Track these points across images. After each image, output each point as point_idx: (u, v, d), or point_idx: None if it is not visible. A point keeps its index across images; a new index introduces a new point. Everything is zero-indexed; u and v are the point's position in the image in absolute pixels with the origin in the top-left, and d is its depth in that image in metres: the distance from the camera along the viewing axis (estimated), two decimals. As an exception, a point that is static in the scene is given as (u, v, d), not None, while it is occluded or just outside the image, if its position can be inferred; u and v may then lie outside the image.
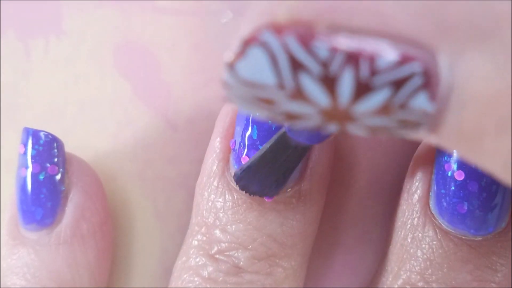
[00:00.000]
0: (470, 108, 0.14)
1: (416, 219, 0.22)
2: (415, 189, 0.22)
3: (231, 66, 0.15)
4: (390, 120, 0.15)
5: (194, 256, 0.23)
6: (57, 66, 0.26)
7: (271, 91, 0.15)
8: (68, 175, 0.24)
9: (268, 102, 0.15)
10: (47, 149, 0.24)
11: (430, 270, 0.22)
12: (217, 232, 0.22)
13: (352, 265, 0.25)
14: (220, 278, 0.22)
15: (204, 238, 0.23)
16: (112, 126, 0.26)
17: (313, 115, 0.15)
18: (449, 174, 0.21)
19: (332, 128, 0.15)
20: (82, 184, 0.24)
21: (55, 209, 0.23)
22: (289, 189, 0.22)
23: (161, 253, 0.25)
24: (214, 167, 0.23)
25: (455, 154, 0.21)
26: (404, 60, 0.14)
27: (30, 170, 0.23)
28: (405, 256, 0.22)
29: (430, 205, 0.22)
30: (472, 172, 0.21)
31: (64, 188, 0.24)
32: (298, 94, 0.15)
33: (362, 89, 0.14)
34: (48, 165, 0.23)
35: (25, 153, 0.24)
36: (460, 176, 0.21)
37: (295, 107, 0.15)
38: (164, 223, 0.25)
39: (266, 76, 0.15)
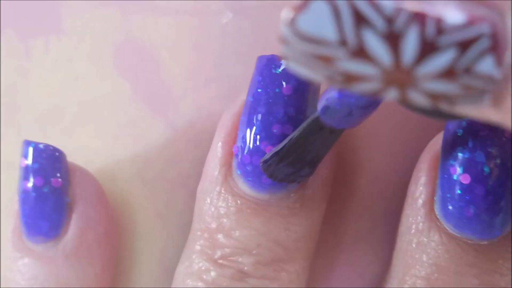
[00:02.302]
0: None
1: (421, 223, 0.22)
2: (419, 194, 0.22)
3: (291, 19, 0.14)
4: (454, 85, 0.14)
5: (197, 261, 0.23)
6: (57, 66, 0.26)
7: (331, 47, 0.14)
8: (72, 186, 0.24)
9: (326, 60, 0.14)
10: (49, 162, 0.23)
11: (436, 275, 0.21)
12: (221, 237, 0.22)
13: (352, 265, 0.25)
14: (225, 283, 0.22)
15: (207, 243, 0.23)
16: (112, 126, 0.26)
17: (374, 76, 0.14)
18: (455, 178, 0.21)
19: (392, 94, 0.14)
20: (86, 195, 0.24)
21: (61, 221, 0.23)
22: (293, 194, 0.22)
23: (161, 253, 0.25)
24: (216, 173, 0.23)
25: (460, 157, 0.21)
26: (472, 21, 0.13)
27: (33, 183, 0.23)
28: (410, 262, 0.22)
29: (435, 210, 0.22)
30: (478, 175, 0.21)
31: (69, 200, 0.23)
32: (360, 51, 0.14)
33: (427, 49, 0.14)
34: (51, 177, 0.23)
35: (27, 166, 0.23)
36: (466, 179, 0.21)
37: (356, 66, 0.14)
38: (164, 224, 0.25)
39: (327, 30, 0.14)
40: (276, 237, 0.22)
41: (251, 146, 0.22)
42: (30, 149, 0.23)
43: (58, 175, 0.23)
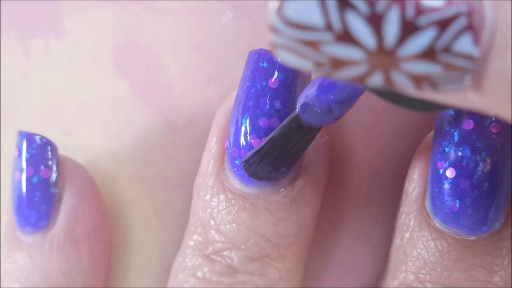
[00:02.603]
0: None
1: (412, 219, 0.22)
2: (412, 190, 0.22)
3: (279, 7, 0.15)
4: (435, 66, 0.15)
5: (190, 257, 0.23)
6: (57, 66, 0.26)
7: (318, 32, 0.15)
8: (62, 178, 0.24)
9: (314, 45, 0.15)
10: (40, 152, 0.23)
11: (424, 270, 0.22)
12: (212, 232, 0.22)
13: (352, 265, 0.25)
14: (214, 279, 0.22)
15: (200, 238, 0.23)
16: (112, 126, 0.26)
17: (360, 60, 0.15)
18: (441, 172, 0.21)
19: (377, 78, 0.15)
20: (76, 188, 0.24)
21: (49, 212, 0.23)
22: (282, 189, 0.22)
23: (160, 253, 0.25)
24: (210, 167, 0.23)
25: (446, 152, 0.21)
26: (450, 1, 0.14)
27: (24, 173, 0.23)
28: (401, 257, 0.22)
29: (426, 205, 0.22)
30: (463, 169, 0.21)
31: (57, 191, 0.23)
32: (346, 35, 0.15)
33: (408, 29, 0.14)
34: (41, 168, 0.23)
35: (19, 156, 0.23)
36: (451, 173, 0.21)
37: (342, 50, 0.15)
38: (164, 223, 0.25)
39: (313, 15, 0.14)
40: (265, 232, 0.22)
41: (239, 140, 0.22)
42: (23, 140, 0.23)
43: (48, 166, 0.23)
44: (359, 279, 0.25)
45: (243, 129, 0.22)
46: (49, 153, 0.24)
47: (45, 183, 0.23)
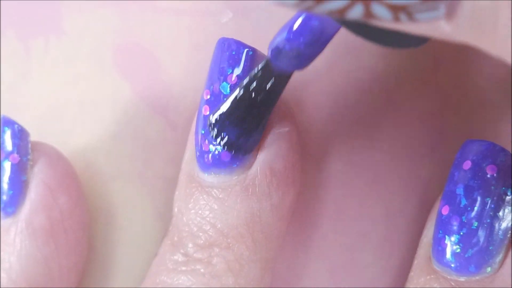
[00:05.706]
0: None
1: (416, 260, 0.22)
2: (423, 236, 0.23)
3: None
4: None
5: (162, 245, 0.23)
6: (57, 66, 0.26)
7: None
8: (32, 165, 0.24)
9: None
10: (11, 138, 0.23)
11: None
12: (178, 222, 0.23)
13: (352, 265, 0.25)
14: (171, 266, 0.22)
15: (171, 227, 0.23)
16: (112, 126, 0.26)
17: None
18: (439, 210, 0.21)
19: (358, 11, 0.15)
20: (43, 176, 0.23)
21: (17, 199, 0.23)
22: (236, 177, 0.22)
23: (161, 253, 0.25)
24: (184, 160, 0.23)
25: (446, 191, 0.21)
26: None
27: None
28: None
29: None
30: (456, 206, 0.21)
31: (25, 178, 0.23)
32: None
33: None
34: (11, 153, 0.23)
35: None
36: (445, 210, 0.21)
37: None
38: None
39: None
40: (215, 220, 0.22)
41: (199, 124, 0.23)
42: None
43: (17, 150, 0.23)
44: (359, 279, 0.25)
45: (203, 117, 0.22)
46: (18, 139, 0.24)
47: (13, 169, 0.23)
